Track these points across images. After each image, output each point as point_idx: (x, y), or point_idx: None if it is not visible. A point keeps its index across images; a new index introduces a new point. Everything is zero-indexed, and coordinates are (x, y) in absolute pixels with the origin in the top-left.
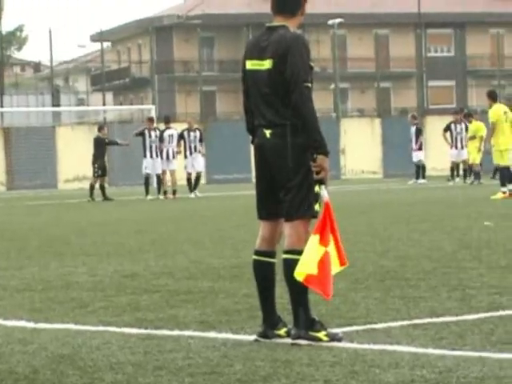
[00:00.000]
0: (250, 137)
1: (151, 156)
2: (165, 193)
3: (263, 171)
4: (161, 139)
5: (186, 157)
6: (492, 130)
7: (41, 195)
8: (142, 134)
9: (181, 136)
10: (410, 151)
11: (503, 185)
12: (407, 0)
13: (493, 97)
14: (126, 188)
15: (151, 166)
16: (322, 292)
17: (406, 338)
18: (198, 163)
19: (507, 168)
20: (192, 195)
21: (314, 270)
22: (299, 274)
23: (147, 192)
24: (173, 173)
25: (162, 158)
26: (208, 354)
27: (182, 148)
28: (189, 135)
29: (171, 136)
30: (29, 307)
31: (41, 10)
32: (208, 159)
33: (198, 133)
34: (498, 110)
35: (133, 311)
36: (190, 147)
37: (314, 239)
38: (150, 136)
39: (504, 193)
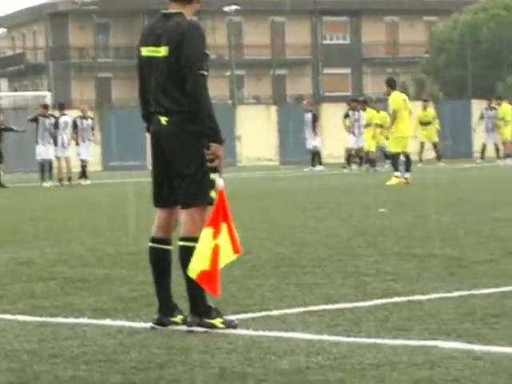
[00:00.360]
0: (146, 124)
1: (43, 143)
2: (60, 180)
3: (159, 158)
4: (56, 126)
5: (77, 144)
6: (393, 117)
7: None
8: (35, 120)
9: (74, 123)
10: (304, 138)
11: (396, 169)
12: None
13: (391, 85)
14: (21, 175)
15: (44, 152)
16: (210, 290)
17: (301, 325)
18: (87, 151)
19: (406, 155)
20: (86, 182)
21: (206, 266)
22: (192, 270)
23: (43, 179)
24: (68, 160)
25: (56, 144)
26: (103, 342)
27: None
28: (81, 123)
29: (66, 123)
30: None
31: None
32: (104, 146)
33: (90, 121)
34: (397, 98)
35: (28, 299)
36: (83, 135)
37: (206, 233)
38: (43, 123)
39: (397, 177)
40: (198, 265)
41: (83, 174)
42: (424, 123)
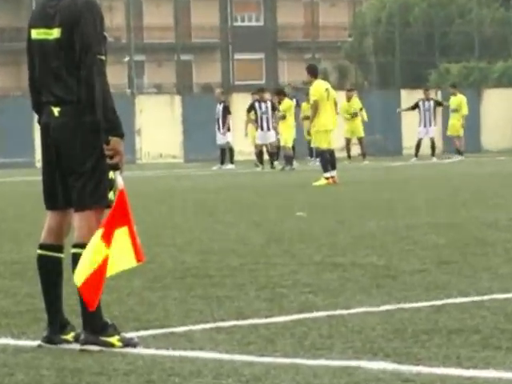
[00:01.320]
0: (36, 116)
1: None
2: None
3: (50, 154)
4: None
5: None
6: (314, 109)
7: None
8: None
9: None
10: (214, 133)
11: (326, 170)
12: None
13: (313, 72)
14: None
15: None
16: (88, 301)
17: (209, 343)
18: None
19: (330, 151)
20: None
21: (89, 274)
22: (78, 277)
23: None
24: None
25: None
26: None
27: None
28: None
29: None
30: None
31: None
32: None
33: None
34: (319, 87)
35: None
36: None
37: (96, 236)
38: None
39: (327, 178)
40: (82, 272)
41: None
42: (348, 116)
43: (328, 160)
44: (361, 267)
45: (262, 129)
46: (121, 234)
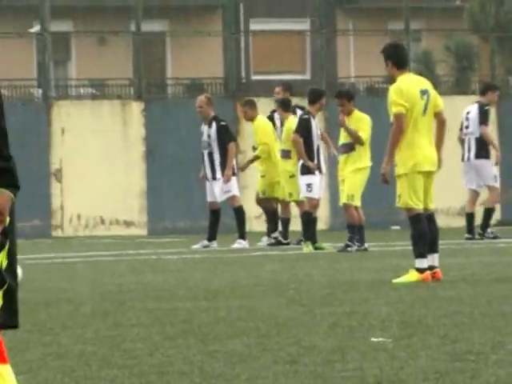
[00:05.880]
0: None
1: None
2: None
3: None
4: None
5: None
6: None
7: None
8: None
9: None
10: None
11: (421, 255)
12: None
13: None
14: None
15: None
16: None
17: None
18: None
19: None
20: None
21: None
22: None
23: None
24: None
25: None
26: None
27: None
28: None
29: None
30: None
31: None
32: None
33: None
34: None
35: None
36: None
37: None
38: None
39: (423, 270)
40: None
41: None
42: None
43: (426, 233)
44: None
45: (319, 169)
46: None
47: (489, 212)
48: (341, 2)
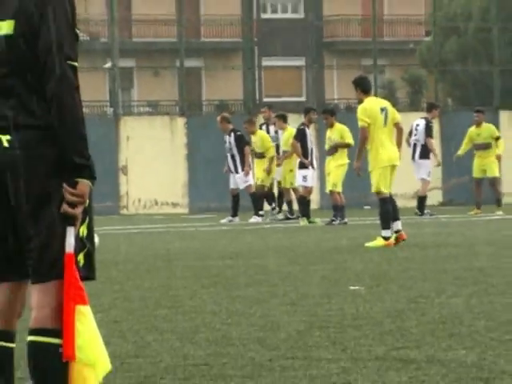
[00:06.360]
0: None
1: None
2: None
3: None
4: None
5: None
6: (362, 138)
7: None
8: None
9: None
10: (228, 172)
11: (387, 227)
12: None
13: (363, 86)
14: None
15: None
16: None
17: None
18: None
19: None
20: None
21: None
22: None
23: None
24: None
25: None
26: None
27: None
28: None
29: None
30: None
31: None
32: None
33: None
34: (371, 107)
35: None
36: None
37: (86, 316)
38: None
39: (386, 239)
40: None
41: None
42: (480, 146)
43: (390, 212)
44: (442, 364)
45: (311, 165)
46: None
47: (421, 199)
48: (327, 44)
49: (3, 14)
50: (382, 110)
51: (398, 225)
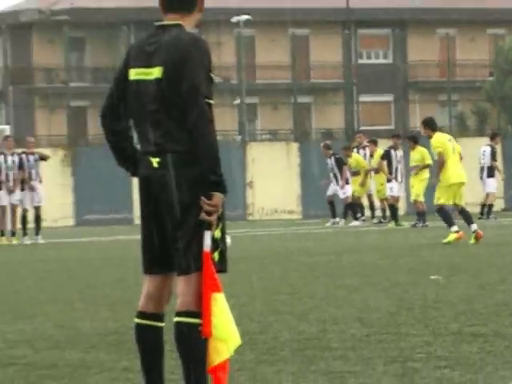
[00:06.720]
0: (126, 168)
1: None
2: (13, 234)
3: (150, 210)
4: (20, 166)
5: (23, 189)
6: (440, 162)
7: None
8: None
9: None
10: (332, 186)
11: (451, 224)
12: None
13: (431, 126)
14: None
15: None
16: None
17: None
18: (38, 195)
19: (458, 206)
20: (28, 241)
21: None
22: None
23: (14, 233)
24: (38, 208)
25: (23, 189)
26: None
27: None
28: (28, 159)
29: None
30: None
31: None
32: (77, 194)
33: (36, 156)
34: (442, 138)
35: None
36: (30, 173)
37: (221, 302)
38: (5, 161)
39: (456, 232)
40: (219, 352)
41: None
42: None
43: (449, 213)
44: (505, 338)
45: (396, 179)
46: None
47: (489, 206)
48: (411, 84)
49: (155, 62)
50: (449, 140)
51: (474, 226)
